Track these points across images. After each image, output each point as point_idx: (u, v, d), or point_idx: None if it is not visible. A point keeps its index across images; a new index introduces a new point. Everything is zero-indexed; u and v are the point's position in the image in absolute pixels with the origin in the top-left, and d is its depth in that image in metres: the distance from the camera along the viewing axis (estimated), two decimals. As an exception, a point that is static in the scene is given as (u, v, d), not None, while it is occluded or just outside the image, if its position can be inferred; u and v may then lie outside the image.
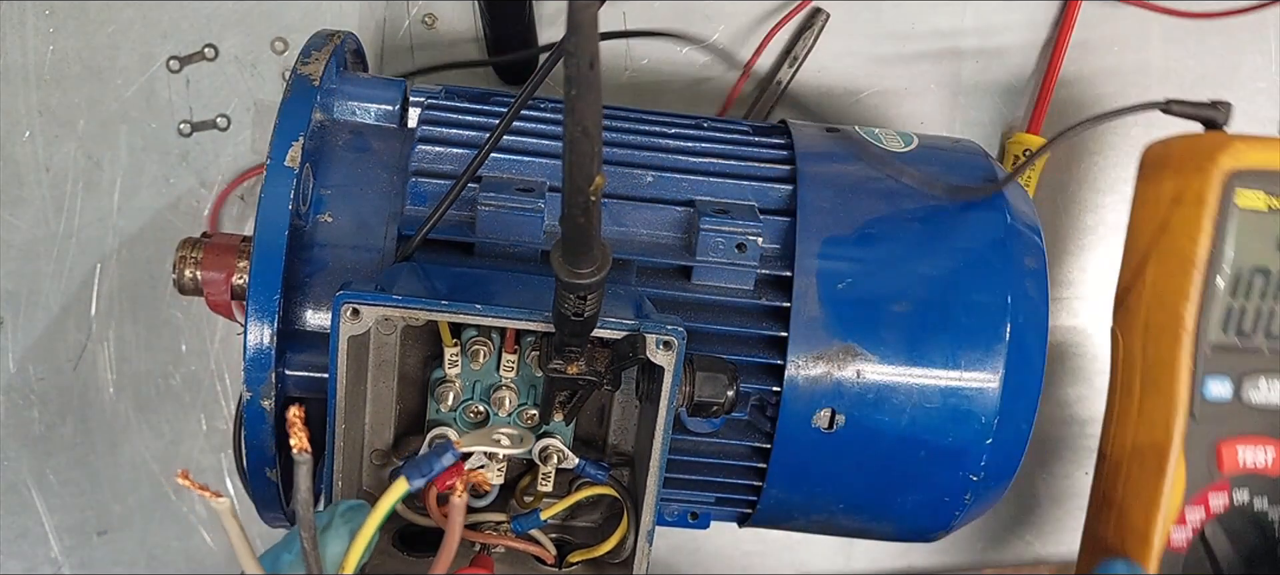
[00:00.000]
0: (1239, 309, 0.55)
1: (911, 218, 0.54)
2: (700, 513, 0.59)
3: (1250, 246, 0.54)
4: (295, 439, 0.38)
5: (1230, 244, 0.54)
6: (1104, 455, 0.59)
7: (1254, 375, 0.55)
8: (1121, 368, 0.58)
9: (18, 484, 0.72)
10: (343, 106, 0.56)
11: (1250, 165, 0.54)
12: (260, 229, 0.48)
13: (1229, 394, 0.55)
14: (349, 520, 0.42)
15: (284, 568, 0.41)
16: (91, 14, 0.69)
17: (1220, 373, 0.55)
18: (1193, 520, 0.55)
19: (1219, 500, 0.55)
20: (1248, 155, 0.54)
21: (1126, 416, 0.57)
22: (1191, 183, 0.54)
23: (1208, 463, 0.55)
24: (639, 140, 0.56)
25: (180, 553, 0.74)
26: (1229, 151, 0.54)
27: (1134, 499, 0.56)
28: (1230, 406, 0.55)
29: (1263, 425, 0.55)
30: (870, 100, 0.72)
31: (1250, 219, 0.54)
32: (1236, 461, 0.55)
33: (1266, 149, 0.54)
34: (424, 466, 0.43)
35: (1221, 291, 0.54)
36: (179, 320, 0.71)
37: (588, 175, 0.33)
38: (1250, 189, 0.54)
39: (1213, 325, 0.54)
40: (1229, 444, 0.55)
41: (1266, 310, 0.55)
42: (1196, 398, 0.54)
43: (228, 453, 0.73)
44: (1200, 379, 0.54)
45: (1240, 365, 0.55)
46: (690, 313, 0.53)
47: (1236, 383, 0.55)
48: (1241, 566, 0.55)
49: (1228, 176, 0.53)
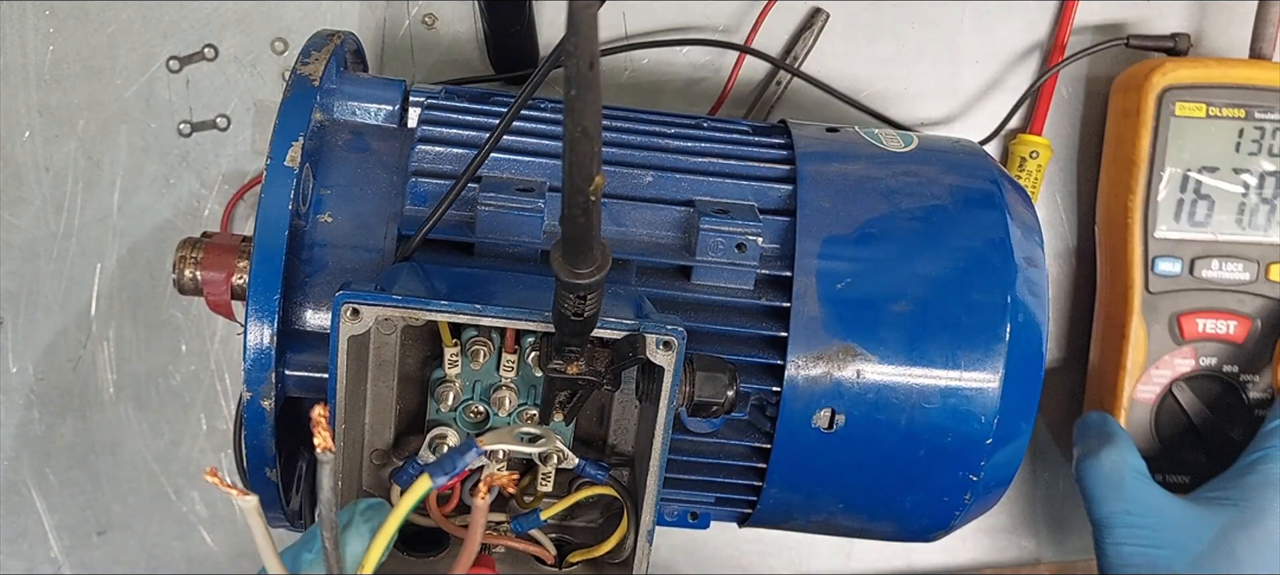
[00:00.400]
0: (1190, 201, 0.65)
1: (911, 217, 0.54)
2: (700, 513, 0.59)
3: (1195, 148, 0.65)
4: (320, 438, 0.38)
5: (1173, 146, 0.65)
6: (1092, 336, 0.71)
7: (1207, 258, 0.65)
8: (1099, 262, 0.70)
9: (18, 484, 0.72)
10: (343, 106, 0.56)
11: (1183, 81, 0.65)
12: (260, 229, 0.48)
13: (1179, 270, 0.65)
14: (369, 519, 0.42)
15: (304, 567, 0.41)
16: (91, 14, 0.69)
17: (1172, 255, 0.65)
18: (1158, 379, 0.66)
19: (1186, 364, 0.66)
20: (1179, 73, 0.65)
21: (1101, 300, 0.69)
22: (1134, 99, 0.66)
23: (1170, 331, 0.66)
24: (638, 140, 0.56)
25: (180, 553, 0.74)
26: (1161, 71, 0.65)
27: (1105, 363, 0.68)
28: (1183, 281, 0.65)
29: (1221, 300, 0.66)
30: (870, 100, 0.72)
31: (1190, 125, 0.65)
32: (1196, 330, 0.66)
33: (1195, 67, 0.65)
34: (447, 464, 0.42)
35: (1168, 186, 0.65)
36: (179, 320, 0.71)
37: (588, 175, 0.33)
38: (1190, 101, 0.65)
39: (1163, 214, 0.65)
40: (1188, 317, 0.66)
41: (1213, 200, 0.65)
42: (1149, 275, 0.65)
43: (228, 452, 0.73)
44: (1151, 259, 0.65)
45: (1192, 250, 0.65)
46: (690, 313, 0.53)
47: (1188, 263, 0.65)
48: (1209, 415, 0.66)
49: (1161, 92, 0.65)
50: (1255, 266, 0.65)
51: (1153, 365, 0.66)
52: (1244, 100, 0.65)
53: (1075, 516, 0.75)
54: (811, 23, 0.70)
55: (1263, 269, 0.65)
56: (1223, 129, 0.65)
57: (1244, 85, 0.65)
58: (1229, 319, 0.65)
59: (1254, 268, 0.65)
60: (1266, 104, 0.65)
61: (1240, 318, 0.65)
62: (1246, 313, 0.65)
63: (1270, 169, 0.65)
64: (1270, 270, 0.65)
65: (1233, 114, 0.65)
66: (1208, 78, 0.65)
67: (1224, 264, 0.65)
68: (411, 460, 0.49)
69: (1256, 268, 0.65)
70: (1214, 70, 0.65)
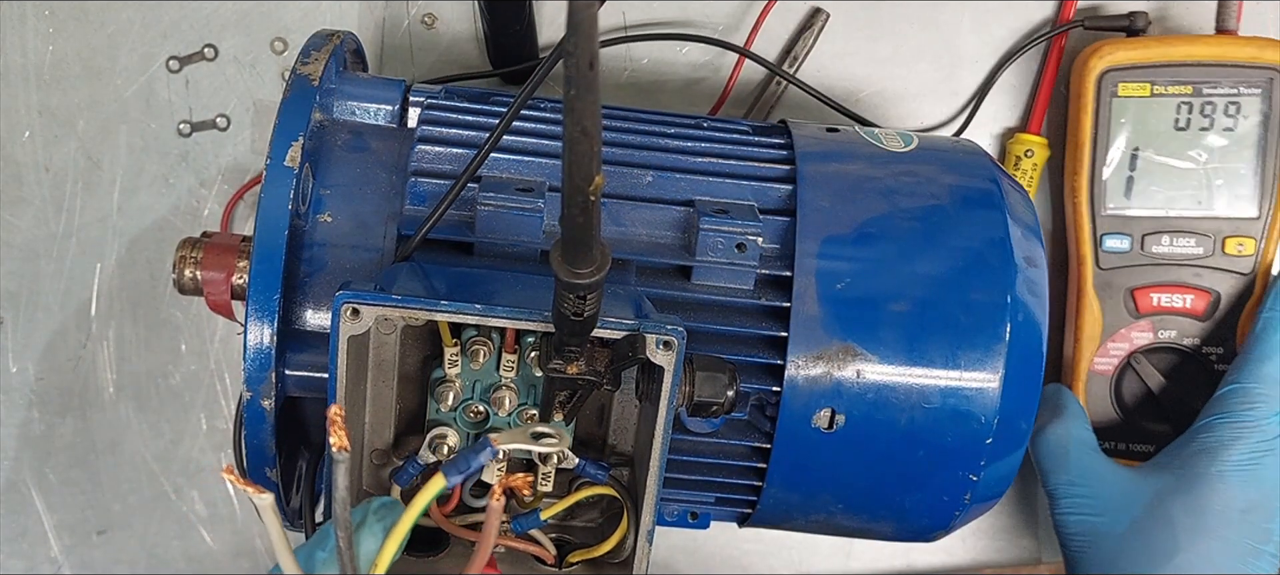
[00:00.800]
0: (1138, 179, 0.66)
1: (911, 217, 0.54)
2: (700, 513, 0.59)
3: (1140, 127, 0.66)
4: (336, 438, 0.38)
5: (1117, 126, 0.66)
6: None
7: (1158, 233, 0.66)
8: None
9: (18, 483, 0.72)
10: (342, 106, 0.56)
11: (1123, 62, 0.66)
12: (260, 229, 0.48)
13: (1129, 247, 0.66)
14: (382, 518, 0.42)
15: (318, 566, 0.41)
16: (91, 14, 0.69)
17: (1120, 232, 0.67)
18: (1115, 352, 0.67)
19: (1144, 337, 0.67)
20: (1118, 55, 0.66)
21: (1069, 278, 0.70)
22: (1078, 82, 0.68)
23: (1125, 305, 0.67)
24: (638, 140, 0.56)
25: (180, 552, 0.74)
26: (1099, 54, 0.66)
27: (1068, 336, 0.69)
28: (1134, 257, 0.67)
29: (1176, 275, 0.66)
30: (870, 100, 0.72)
31: (1134, 105, 0.66)
32: (1152, 304, 0.67)
33: (1134, 48, 0.66)
34: (461, 464, 0.42)
35: (1114, 165, 0.66)
36: (179, 320, 0.71)
37: (587, 175, 0.33)
38: (1134, 81, 0.66)
39: (1111, 193, 0.67)
40: (1143, 292, 0.67)
41: (1162, 176, 0.66)
42: (1098, 251, 0.67)
43: (228, 452, 0.73)
44: (1099, 237, 0.67)
45: (1142, 226, 0.66)
46: (690, 313, 0.53)
47: (1139, 240, 0.66)
48: (1170, 387, 0.67)
49: (1101, 74, 0.66)
50: (1210, 241, 0.66)
51: (1109, 338, 0.67)
52: (1190, 77, 0.65)
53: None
54: (811, 23, 0.70)
55: (1218, 243, 0.66)
56: (1168, 107, 0.66)
57: (1188, 62, 0.65)
58: (1186, 292, 0.66)
59: (1209, 242, 0.66)
60: (1213, 79, 0.65)
61: (1198, 291, 0.66)
62: (1204, 286, 0.66)
63: (1220, 143, 0.66)
64: (1227, 244, 0.66)
65: (1178, 91, 0.65)
66: (1149, 57, 0.65)
67: (1176, 239, 0.66)
68: (411, 460, 0.49)
69: (1211, 242, 0.66)
70: (1155, 49, 0.66)
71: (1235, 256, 0.66)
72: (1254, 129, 0.65)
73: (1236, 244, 0.66)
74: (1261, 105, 0.65)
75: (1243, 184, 0.66)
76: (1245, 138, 0.65)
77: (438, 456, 0.49)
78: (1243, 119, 0.65)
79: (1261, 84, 0.65)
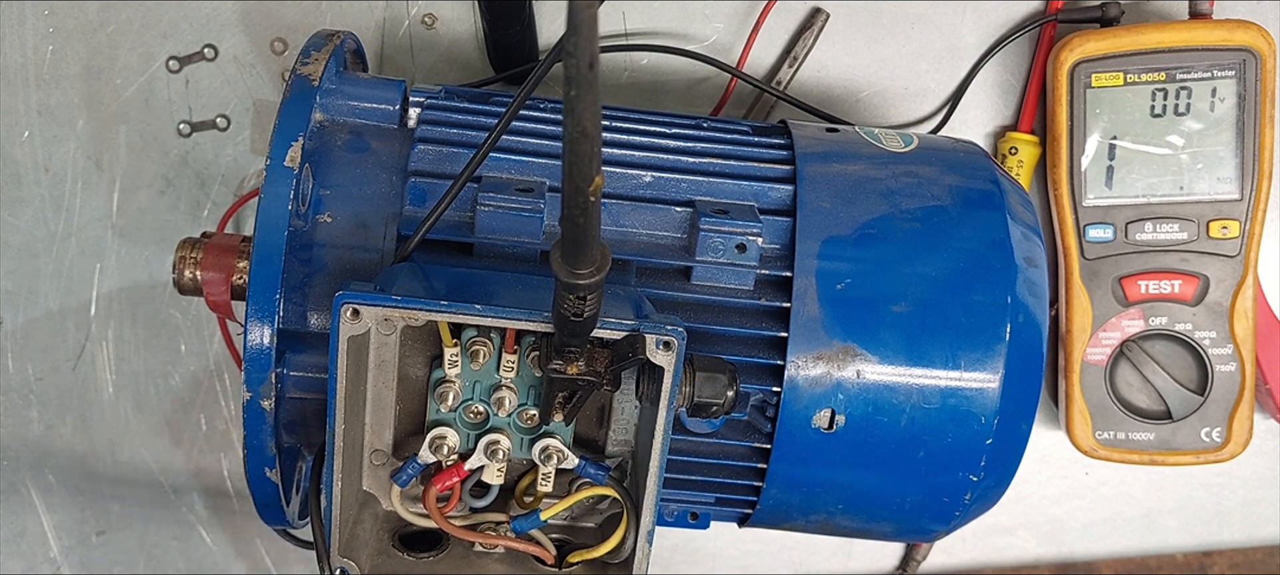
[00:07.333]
0: (1117, 168, 0.67)
1: (911, 218, 0.54)
2: (700, 513, 0.59)
3: (1115, 117, 0.66)
4: None
5: (1092, 117, 0.66)
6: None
7: (1140, 221, 0.66)
8: None
9: (17, 484, 0.72)
10: (342, 106, 0.56)
11: (1093, 53, 0.66)
12: (260, 229, 0.48)
13: (1112, 236, 0.67)
14: None
15: None
16: (91, 14, 0.69)
17: (1103, 221, 0.67)
18: (1107, 341, 0.67)
19: (1135, 325, 0.67)
20: (1087, 46, 0.66)
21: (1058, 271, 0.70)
22: (1052, 76, 0.68)
23: (1113, 294, 0.67)
24: (638, 141, 0.56)
25: (179, 553, 0.74)
26: (1070, 47, 0.66)
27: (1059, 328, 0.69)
28: (1118, 246, 0.67)
29: (1161, 261, 0.67)
30: (870, 100, 0.72)
31: (1108, 95, 0.66)
32: (1140, 291, 0.67)
33: (1104, 39, 0.66)
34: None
35: (1092, 156, 0.67)
36: (179, 320, 0.71)
37: (587, 176, 0.33)
38: (1106, 71, 0.66)
39: (1090, 183, 0.67)
40: (1130, 280, 0.67)
41: (1141, 164, 0.66)
42: (1083, 242, 0.67)
43: (228, 453, 0.73)
44: (1083, 227, 0.67)
45: (1125, 215, 0.67)
46: (690, 313, 0.53)
47: (1122, 228, 0.67)
48: (1164, 373, 0.67)
49: (1072, 66, 0.66)
50: (1194, 226, 0.66)
51: (1100, 329, 0.67)
52: (1163, 64, 0.66)
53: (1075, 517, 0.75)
54: (811, 23, 0.70)
55: (1202, 227, 0.66)
56: (1143, 95, 0.66)
57: (1159, 49, 0.66)
58: (1173, 278, 0.66)
59: (1193, 227, 0.66)
60: (1186, 65, 0.65)
61: (1185, 276, 0.66)
62: (1191, 270, 0.66)
63: (1198, 127, 0.66)
64: (1211, 227, 0.66)
65: (1152, 78, 0.66)
66: (1120, 47, 0.66)
67: (1160, 225, 0.66)
68: (411, 460, 0.49)
69: (1196, 227, 0.66)
70: (1125, 38, 0.66)
71: (1220, 239, 0.66)
72: (1230, 111, 0.66)
73: (1220, 226, 0.66)
74: (1237, 87, 0.65)
75: (1223, 166, 0.66)
76: (1222, 121, 0.66)
77: (438, 457, 0.49)
78: (1218, 102, 0.66)
79: (1235, 66, 0.65)
